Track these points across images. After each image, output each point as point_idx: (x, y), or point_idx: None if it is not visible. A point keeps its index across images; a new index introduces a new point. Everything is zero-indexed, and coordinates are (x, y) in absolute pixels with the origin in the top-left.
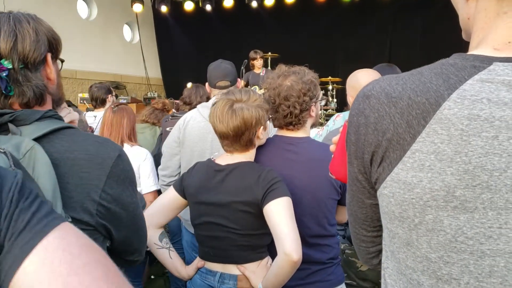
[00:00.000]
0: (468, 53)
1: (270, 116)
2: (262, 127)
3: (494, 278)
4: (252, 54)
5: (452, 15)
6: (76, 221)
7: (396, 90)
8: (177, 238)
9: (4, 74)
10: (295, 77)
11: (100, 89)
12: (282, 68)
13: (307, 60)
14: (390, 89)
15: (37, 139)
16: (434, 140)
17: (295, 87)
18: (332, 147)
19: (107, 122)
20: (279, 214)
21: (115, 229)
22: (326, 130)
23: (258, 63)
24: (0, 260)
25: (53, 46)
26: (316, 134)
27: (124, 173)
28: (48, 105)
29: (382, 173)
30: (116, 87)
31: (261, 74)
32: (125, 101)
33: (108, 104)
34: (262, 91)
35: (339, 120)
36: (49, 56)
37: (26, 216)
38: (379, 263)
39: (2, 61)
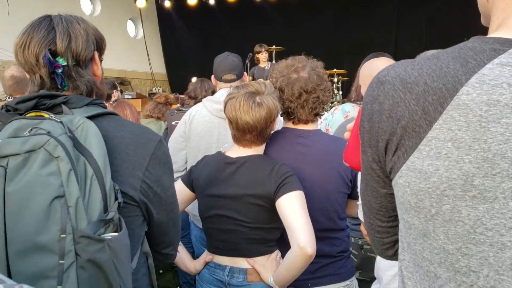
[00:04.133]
0: (488, 35)
1: (282, 113)
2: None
3: None
4: (257, 47)
5: (457, 5)
6: (123, 194)
7: (411, 75)
8: (185, 232)
9: (60, 71)
10: (309, 67)
11: (105, 85)
12: (296, 60)
13: (312, 53)
14: (405, 74)
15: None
16: (452, 127)
17: (318, 75)
18: (347, 134)
19: None
20: (293, 208)
21: (155, 210)
22: (325, 124)
23: (263, 56)
24: None
25: (99, 45)
26: None
27: (165, 157)
28: None
29: (397, 162)
30: (121, 83)
31: (266, 68)
32: (130, 97)
33: (113, 99)
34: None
35: (338, 113)
36: (96, 54)
37: None
38: (394, 254)
39: (57, 58)
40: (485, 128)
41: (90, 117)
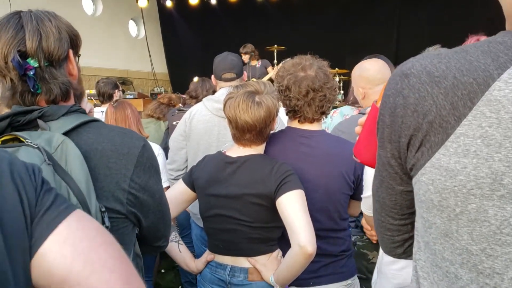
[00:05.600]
0: None
1: (288, 112)
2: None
3: None
4: (241, 49)
5: (458, 4)
6: (108, 210)
7: (439, 68)
8: (186, 232)
9: (32, 73)
10: (316, 65)
11: (107, 84)
12: (303, 58)
13: (314, 52)
14: (432, 67)
15: (66, 133)
16: (482, 123)
17: (325, 73)
18: (358, 129)
19: (110, 119)
20: (293, 207)
21: (144, 216)
22: (324, 127)
23: (244, 58)
24: (31, 229)
25: (74, 42)
26: None
27: (149, 162)
28: (72, 100)
29: (420, 159)
30: (122, 82)
31: (257, 66)
32: (132, 97)
33: (115, 99)
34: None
35: (337, 116)
36: (71, 52)
37: (50, 196)
38: (403, 252)
39: (28, 60)
40: None
41: (70, 130)
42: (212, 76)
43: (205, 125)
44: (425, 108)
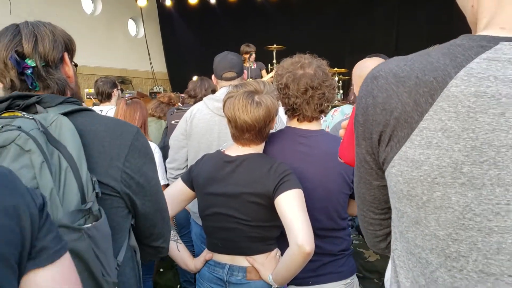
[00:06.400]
0: (476, 34)
1: (287, 110)
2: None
3: (502, 255)
4: (245, 48)
5: (456, 3)
6: (102, 185)
7: (404, 70)
8: (185, 231)
9: (29, 72)
10: (315, 64)
11: (106, 83)
12: (302, 57)
13: (313, 52)
14: (398, 69)
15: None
16: (442, 117)
17: (324, 71)
18: (342, 132)
19: (120, 114)
20: (291, 206)
21: (140, 201)
22: (325, 126)
23: (252, 57)
24: (34, 250)
25: (69, 46)
26: None
27: (144, 148)
28: None
29: (390, 152)
30: (122, 81)
31: (253, 67)
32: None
33: (114, 98)
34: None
35: (337, 114)
36: (66, 55)
37: (54, 227)
38: (387, 247)
39: (26, 60)
40: (473, 118)
41: (65, 114)
42: (213, 76)
43: (206, 124)
44: (392, 106)
